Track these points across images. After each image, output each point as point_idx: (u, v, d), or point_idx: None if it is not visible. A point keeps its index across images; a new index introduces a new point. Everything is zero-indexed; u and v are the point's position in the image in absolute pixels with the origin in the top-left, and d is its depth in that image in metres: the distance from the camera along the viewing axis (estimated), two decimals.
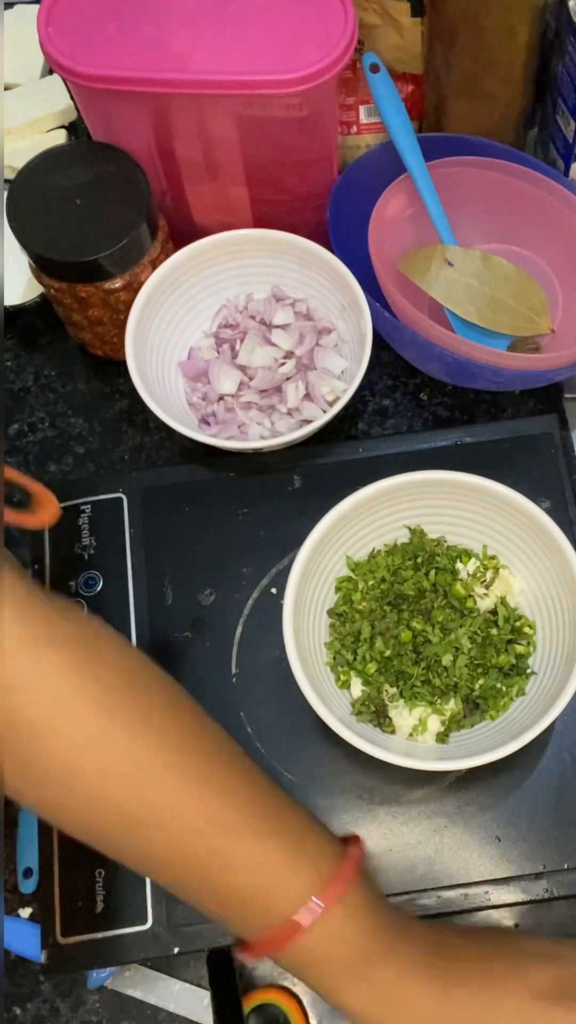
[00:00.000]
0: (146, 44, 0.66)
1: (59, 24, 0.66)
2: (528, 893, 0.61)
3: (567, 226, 0.76)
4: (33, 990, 0.65)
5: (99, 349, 0.78)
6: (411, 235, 0.77)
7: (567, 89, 0.73)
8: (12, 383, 0.81)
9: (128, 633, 0.67)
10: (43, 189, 0.70)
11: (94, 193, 0.70)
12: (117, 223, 0.69)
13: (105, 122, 0.72)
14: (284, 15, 0.66)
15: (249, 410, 0.74)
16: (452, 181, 0.77)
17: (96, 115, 0.72)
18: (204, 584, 0.69)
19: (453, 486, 0.64)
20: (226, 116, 0.68)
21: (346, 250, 0.73)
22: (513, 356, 0.70)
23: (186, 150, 0.72)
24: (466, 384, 0.75)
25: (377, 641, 0.64)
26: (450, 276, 0.74)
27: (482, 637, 0.63)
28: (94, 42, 0.66)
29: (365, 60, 0.74)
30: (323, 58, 0.64)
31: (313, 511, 0.63)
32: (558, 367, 0.69)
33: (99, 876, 0.61)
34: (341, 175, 0.76)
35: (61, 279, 0.70)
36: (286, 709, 0.64)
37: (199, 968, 0.64)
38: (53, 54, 0.66)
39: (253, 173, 0.73)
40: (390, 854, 0.62)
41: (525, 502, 0.62)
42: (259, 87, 0.65)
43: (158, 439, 0.79)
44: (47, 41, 0.66)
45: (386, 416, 0.79)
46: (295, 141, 0.70)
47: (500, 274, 0.75)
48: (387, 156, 0.76)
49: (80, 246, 0.68)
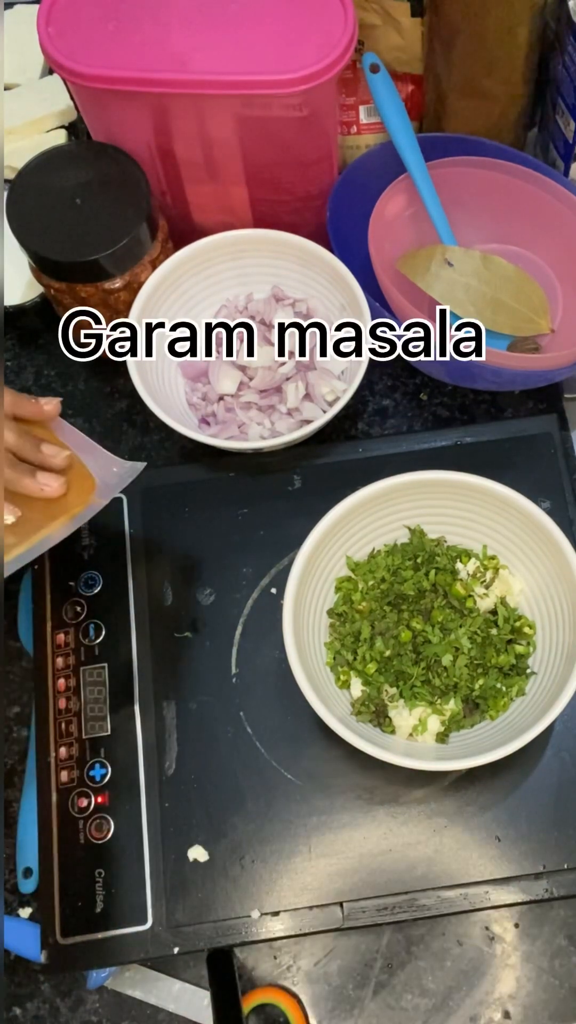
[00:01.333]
0: (146, 44, 0.66)
1: (59, 24, 0.67)
2: (528, 893, 0.61)
3: (567, 226, 0.76)
4: (33, 990, 0.65)
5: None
6: (411, 235, 0.77)
7: (567, 89, 0.73)
8: (12, 383, 0.81)
9: (128, 633, 0.67)
10: (43, 189, 0.70)
11: (94, 193, 0.70)
12: (117, 223, 0.69)
13: (105, 122, 0.72)
14: (284, 15, 0.66)
15: (249, 410, 0.74)
16: (452, 181, 0.77)
17: (96, 115, 0.72)
18: (204, 584, 0.69)
19: (453, 486, 0.64)
20: (226, 116, 0.68)
21: (346, 250, 0.73)
22: (513, 356, 0.70)
23: (186, 150, 0.72)
24: (466, 384, 0.75)
25: (377, 641, 0.64)
26: (450, 276, 0.74)
27: (482, 637, 0.63)
28: (94, 42, 0.66)
29: (365, 60, 0.74)
30: (323, 58, 0.64)
31: (313, 511, 0.63)
32: (558, 367, 0.69)
33: (99, 876, 0.61)
34: (341, 175, 0.76)
35: (61, 279, 0.70)
36: (286, 709, 0.64)
37: (199, 968, 0.64)
38: (53, 54, 0.66)
39: (253, 173, 0.73)
40: (390, 854, 0.62)
41: (525, 502, 0.62)
42: (259, 87, 0.65)
43: (158, 439, 0.79)
44: (47, 41, 0.66)
45: (386, 416, 0.79)
46: (295, 141, 0.71)
47: (500, 274, 0.75)
48: (387, 156, 0.76)
49: (80, 246, 0.68)
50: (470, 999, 0.63)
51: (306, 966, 0.64)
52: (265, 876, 0.61)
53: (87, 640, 0.67)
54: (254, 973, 0.64)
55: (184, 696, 0.66)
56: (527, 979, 0.64)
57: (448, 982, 0.64)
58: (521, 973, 0.64)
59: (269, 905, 0.61)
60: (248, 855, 0.62)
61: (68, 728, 0.65)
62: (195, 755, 0.64)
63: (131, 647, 0.67)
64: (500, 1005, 0.63)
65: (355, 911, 0.61)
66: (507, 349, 0.75)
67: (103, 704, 0.65)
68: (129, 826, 0.62)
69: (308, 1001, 0.63)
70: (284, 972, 0.64)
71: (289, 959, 0.64)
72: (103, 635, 0.67)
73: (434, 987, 0.63)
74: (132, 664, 0.66)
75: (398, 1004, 0.63)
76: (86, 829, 0.62)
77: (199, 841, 0.62)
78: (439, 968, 0.64)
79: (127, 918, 0.61)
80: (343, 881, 0.61)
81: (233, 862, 0.62)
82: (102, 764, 0.64)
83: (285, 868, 0.62)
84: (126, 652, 0.67)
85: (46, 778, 0.64)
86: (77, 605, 0.68)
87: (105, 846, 0.62)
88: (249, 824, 0.62)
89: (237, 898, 0.61)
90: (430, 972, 0.64)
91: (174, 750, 0.64)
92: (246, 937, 0.60)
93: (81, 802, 0.63)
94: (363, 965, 0.64)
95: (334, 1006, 0.63)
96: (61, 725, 0.65)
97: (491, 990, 0.63)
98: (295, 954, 0.64)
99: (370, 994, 0.63)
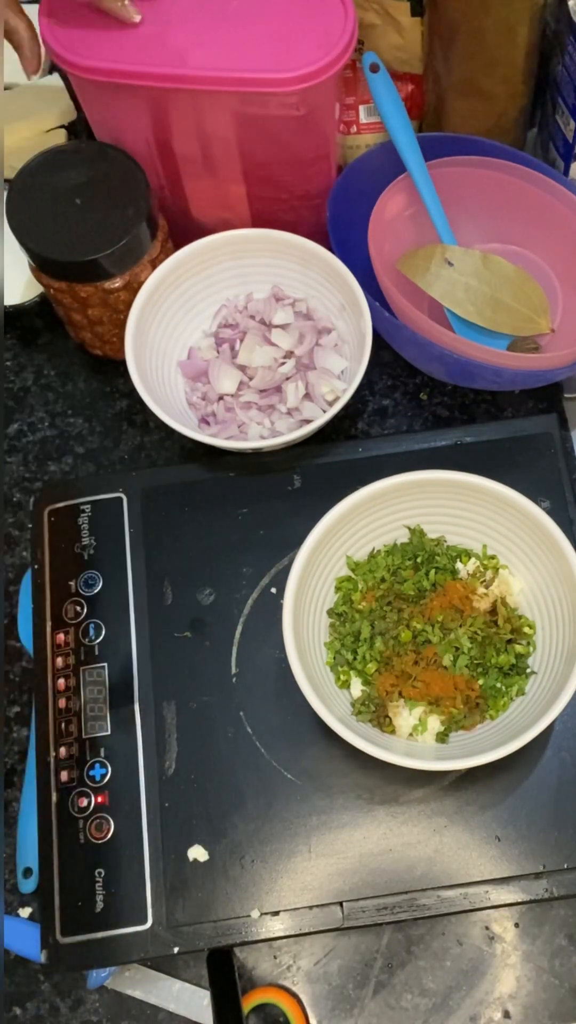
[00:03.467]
0: (146, 39, 0.66)
1: (60, 17, 0.67)
2: (528, 893, 0.61)
3: (567, 226, 0.76)
4: (33, 990, 0.65)
5: (99, 349, 0.78)
6: (411, 235, 0.77)
7: (567, 89, 0.73)
8: (12, 383, 0.81)
9: (128, 633, 0.67)
10: (43, 189, 0.70)
11: (94, 193, 0.70)
12: (116, 223, 0.69)
13: (105, 116, 0.72)
14: (284, 13, 0.66)
15: (249, 410, 0.74)
16: (452, 181, 0.77)
17: (97, 110, 0.72)
18: (204, 584, 0.69)
19: (453, 486, 0.64)
20: (224, 113, 0.68)
21: (346, 250, 0.73)
22: (512, 356, 0.70)
23: (184, 146, 0.72)
24: (466, 384, 0.75)
25: (377, 641, 0.64)
26: (450, 276, 0.74)
27: (482, 637, 0.63)
28: (94, 36, 0.66)
29: (365, 60, 0.74)
30: (322, 57, 0.64)
31: (313, 511, 0.63)
32: (557, 367, 0.69)
33: (99, 876, 0.61)
34: (341, 175, 0.76)
35: (61, 279, 0.70)
36: (286, 709, 0.64)
37: (199, 968, 0.64)
38: (54, 46, 0.66)
39: (251, 170, 0.73)
40: (390, 854, 0.62)
41: (525, 502, 0.62)
42: (256, 85, 0.65)
43: (158, 439, 0.79)
44: (48, 33, 0.66)
45: (386, 416, 0.79)
46: (293, 140, 0.71)
47: (500, 274, 0.75)
48: (387, 156, 0.76)
49: (80, 246, 0.68)
50: (470, 999, 0.63)
51: (306, 966, 0.64)
52: (265, 876, 0.61)
53: (87, 640, 0.67)
54: (254, 973, 0.64)
55: (184, 696, 0.66)
56: (527, 979, 0.64)
57: (448, 982, 0.64)
58: (521, 973, 0.64)
59: (269, 905, 0.61)
60: (248, 855, 0.62)
61: (68, 728, 0.65)
62: (195, 755, 0.64)
63: (131, 647, 0.67)
64: (500, 1005, 0.63)
65: (355, 911, 0.61)
66: (507, 349, 0.75)
67: (103, 704, 0.65)
68: (129, 826, 0.62)
69: (308, 1001, 0.63)
70: (284, 972, 0.64)
71: (289, 959, 0.64)
72: (103, 635, 0.67)
73: (434, 987, 0.64)
74: (132, 664, 0.66)
75: (398, 1004, 0.63)
76: (86, 829, 0.62)
77: (199, 841, 0.62)
78: (439, 968, 0.64)
79: (127, 918, 0.61)
80: (343, 881, 0.61)
81: (233, 862, 0.62)
82: (102, 764, 0.64)
83: (285, 868, 0.62)
84: (126, 652, 0.67)
85: (46, 778, 0.64)
86: (77, 605, 0.68)
87: (105, 846, 0.62)
88: (249, 824, 0.62)
89: (237, 898, 0.61)
90: (430, 972, 0.64)
91: (174, 750, 0.64)
92: (246, 937, 0.60)
93: (81, 802, 0.63)
94: (363, 965, 0.64)
95: (334, 1006, 0.63)
96: (61, 725, 0.65)
97: (491, 990, 0.63)
98: (295, 954, 0.64)
99: (370, 994, 0.64)
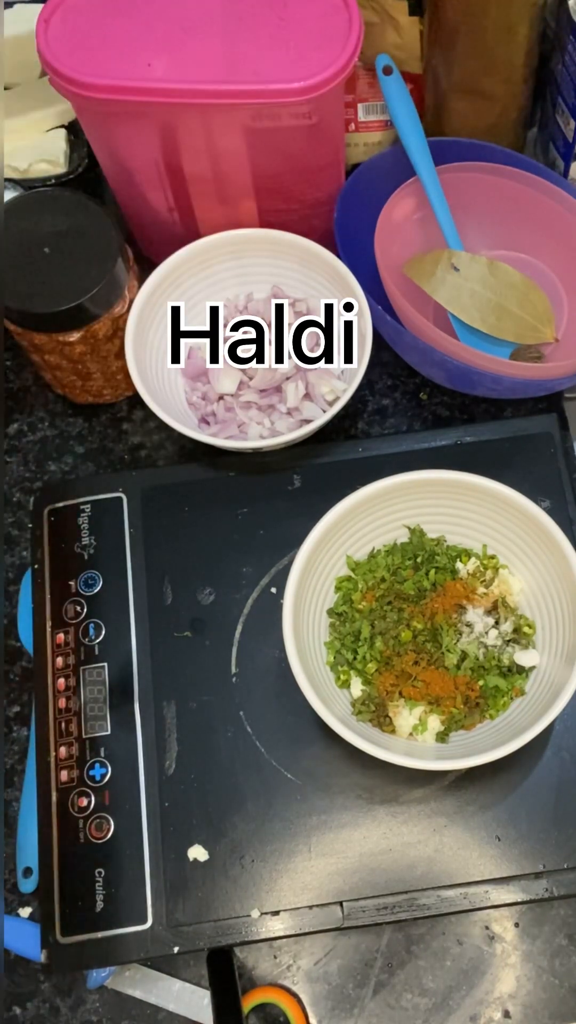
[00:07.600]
0: (149, 56, 0.64)
1: (61, 36, 0.64)
2: (528, 893, 0.61)
3: (575, 236, 0.75)
4: (33, 990, 0.65)
5: (60, 390, 0.77)
6: (418, 239, 0.77)
7: (567, 89, 0.73)
8: (12, 383, 0.81)
9: (128, 633, 0.67)
10: (14, 233, 0.67)
11: (62, 244, 0.67)
12: (79, 279, 0.66)
13: (110, 141, 0.70)
14: (288, 21, 0.65)
15: (249, 410, 0.74)
16: (460, 186, 0.76)
17: (101, 134, 0.70)
18: (204, 584, 0.69)
19: (453, 486, 0.64)
20: (234, 128, 0.66)
21: (352, 253, 0.72)
22: (513, 364, 0.69)
23: (193, 164, 0.70)
24: (465, 390, 0.75)
25: (377, 641, 0.64)
26: (455, 281, 0.74)
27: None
28: (97, 55, 0.64)
29: (378, 62, 0.74)
30: (331, 63, 0.63)
31: (313, 511, 0.63)
32: (558, 377, 0.68)
33: (99, 876, 0.61)
34: (349, 179, 0.76)
35: (15, 323, 0.68)
36: (286, 709, 0.64)
37: (199, 968, 0.64)
38: (55, 65, 0.64)
39: (262, 184, 0.72)
40: (390, 854, 0.62)
41: (525, 502, 0.62)
42: (268, 96, 0.63)
43: (158, 439, 0.79)
44: (47, 51, 0.64)
45: (386, 416, 0.79)
46: (304, 149, 0.69)
47: (505, 281, 0.75)
48: (394, 160, 0.76)
49: (44, 297, 0.66)
50: (470, 998, 0.63)
51: (306, 965, 0.64)
52: (265, 876, 0.62)
53: (87, 640, 0.67)
54: (254, 972, 0.64)
55: (184, 696, 0.66)
56: (527, 978, 0.64)
57: (448, 981, 0.64)
58: (521, 972, 0.64)
59: (269, 904, 0.61)
60: (248, 854, 0.62)
61: (68, 728, 0.65)
62: (195, 755, 0.64)
63: (131, 647, 0.67)
64: (500, 1004, 0.63)
65: (355, 910, 0.61)
66: (510, 357, 0.75)
67: (103, 704, 0.65)
68: (129, 826, 0.62)
69: (308, 1000, 0.63)
70: (284, 971, 0.64)
71: (289, 958, 0.64)
72: (103, 635, 0.67)
73: (434, 986, 0.64)
74: (132, 664, 0.66)
75: (398, 1003, 0.63)
76: (86, 829, 0.62)
77: (199, 841, 0.62)
78: (439, 967, 0.64)
79: (127, 917, 0.61)
80: (343, 880, 0.61)
81: (233, 862, 0.62)
82: (102, 764, 0.64)
83: (285, 868, 0.62)
84: (126, 652, 0.67)
85: (46, 778, 0.64)
86: (77, 605, 0.68)
87: (105, 845, 0.62)
88: (249, 824, 0.63)
89: (237, 897, 0.61)
90: (430, 971, 0.64)
91: (174, 750, 0.64)
92: (246, 936, 0.60)
93: (81, 801, 0.63)
94: (363, 964, 0.64)
95: (334, 1005, 0.63)
96: (61, 725, 0.65)
97: (491, 989, 0.63)
98: (295, 953, 0.64)
99: (370, 993, 0.64)
